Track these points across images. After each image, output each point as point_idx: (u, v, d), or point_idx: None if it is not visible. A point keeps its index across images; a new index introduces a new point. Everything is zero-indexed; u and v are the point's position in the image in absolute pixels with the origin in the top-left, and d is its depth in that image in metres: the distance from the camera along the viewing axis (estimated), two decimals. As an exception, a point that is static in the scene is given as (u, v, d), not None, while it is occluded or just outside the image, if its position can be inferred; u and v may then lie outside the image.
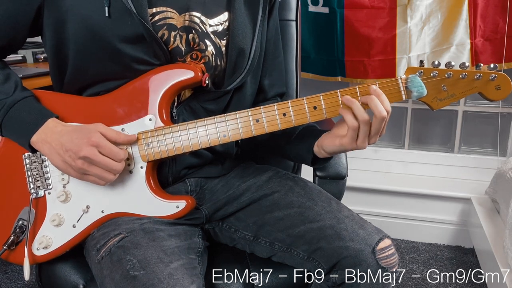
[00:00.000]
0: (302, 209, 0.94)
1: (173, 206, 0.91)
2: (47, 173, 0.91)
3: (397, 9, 1.86)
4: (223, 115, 0.88)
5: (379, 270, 0.86)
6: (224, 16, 0.96)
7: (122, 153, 0.85)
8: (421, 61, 0.87)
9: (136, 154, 0.89)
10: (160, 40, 0.88)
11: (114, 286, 0.78)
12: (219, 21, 0.96)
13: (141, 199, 0.90)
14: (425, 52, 1.88)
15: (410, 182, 2.14)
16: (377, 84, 0.86)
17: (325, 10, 1.94)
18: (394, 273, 0.89)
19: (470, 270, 1.88)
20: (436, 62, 0.86)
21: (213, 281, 0.93)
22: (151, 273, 0.77)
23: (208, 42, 0.95)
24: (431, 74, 0.86)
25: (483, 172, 2.08)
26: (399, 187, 2.09)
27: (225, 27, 0.96)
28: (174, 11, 0.92)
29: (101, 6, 0.85)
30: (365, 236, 0.88)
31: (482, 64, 0.85)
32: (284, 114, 0.87)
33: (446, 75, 0.85)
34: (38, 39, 0.98)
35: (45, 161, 0.91)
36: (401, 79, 0.86)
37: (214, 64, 0.96)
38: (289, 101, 0.88)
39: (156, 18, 0.90)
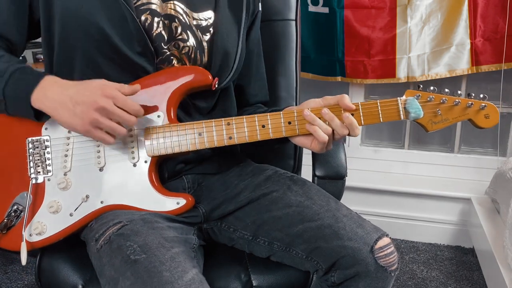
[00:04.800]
0: (300, 208, 0.94)
1: (173, 202, 0.92)
2: (49, 160, 0.92)
3: (397, 9, 1.87)
4: (230, 118, 0.92)
5: (378, 269, 0.86)
6: (209, 13, 0.99)
7: (137, 105, 0.85)
8: (419, 86, 0.93)
9: (141, 148, 0.91)
10: (137, 21, 0.89)
11: (114, 271, 0.78)
12: (203, 17, 0.98)
13: (142, 193, 0.91)
14: (425, 52, 1.88)
15: (410, 182, 2.13)
16: (378, 103, 0.92)
17: (325, 10, 1.94)
18: (394, 272, 0.89)
19: (470, 270, 1.88)
20: (432, 88, 0.93)
21: (212, 281, 0.93)
22: (153, 257, 0.76)
23: (189, 34, 0.97)
24: (428, 98, 0.92)
25: (483, 172, 2.07)
26: (399, 187, 2.09)
27: (209, 24, 0.98)
28: None
29: None
30: (363, 234, 0.88)
31: (473, 94, 0.93)
32: (289, 123, 0.92)
33: (441, 101, 0.92)
34: (38, 39, 0.98)
35: (48, 147, 0.91)
36: (400, 100, 0.92)
37: (194, 57, 0.98)
38: (295, 110, 0.92)
39: (139, 2, 0.93)
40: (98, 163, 0.91)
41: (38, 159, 0.92)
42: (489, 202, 1.92)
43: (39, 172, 0.92)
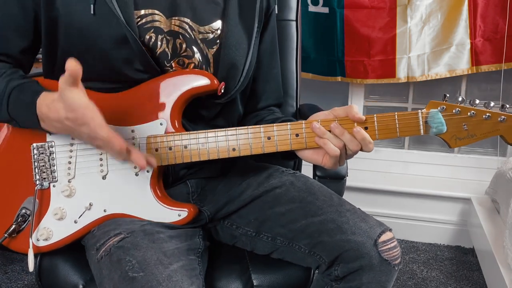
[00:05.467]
0: (303, 204, 0.94)
1: (175, 214, 0.91)
2: (54, 166, 0.91)
3: (397, 9, 1.87)
4: (234, 128, 0.88)
5: (382, 263, 0.86)
6: (217, 24, 0.96)
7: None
8: (445, 95, 0.83)
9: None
10: (139, 42, 0.87)
11: (113, 286, 0.78)
12: (210, 29, 0.95)
13: (143, 203, 0.90)
14: (425, 52, 1.88)
15: (410, 182, 2.14)
16: (395, 116, 0.83)
17: (325, 10, 1.94)
18: (397, 266, 0.89)
19: (470, 270, 1.88)
20: (460, 99, 0.82)
21: (213, 282, 0.93)
22: (150, 275, 0.77)
23: (195, 49, 0.94)
24: (453, 111, 0.81)
25: (483, 172, 2.08)
26: (399, 187, 2.10)
27: (216, 35, 0.95)
28: (161, 14, 0.91)
29: (87, 3, 0.86)
30: (367, 229, 0.88)
31: (508, 106, 0.81)
32: (297, 135, 0.86)
33: (469, 114, 0.81)
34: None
35: (53, 153, 0.91)
36: (421, 113, 0.83)
37: None
38: (303, 121, 0.86)
39: (143, 20, 0.90)
40: (101, 171, 0.90)
41: (43, 165, 0.91)
42: (489, 202, 1.92)
43: (44, 178, 0.91)
